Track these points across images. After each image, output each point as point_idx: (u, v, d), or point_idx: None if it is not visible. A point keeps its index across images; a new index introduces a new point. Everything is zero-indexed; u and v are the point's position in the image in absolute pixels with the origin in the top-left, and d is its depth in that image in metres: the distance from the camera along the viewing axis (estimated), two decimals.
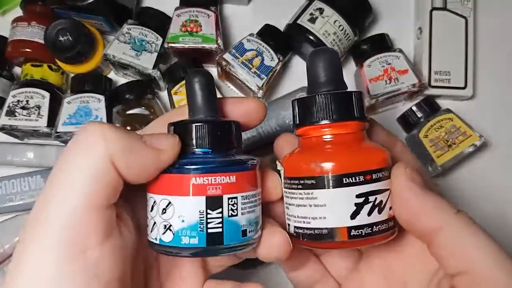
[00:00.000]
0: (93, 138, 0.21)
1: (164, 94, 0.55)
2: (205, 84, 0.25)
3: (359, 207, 0.23)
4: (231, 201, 0.23)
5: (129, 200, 0.25)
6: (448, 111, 0.50)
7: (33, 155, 0.51)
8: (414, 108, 0.51)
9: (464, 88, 0.52)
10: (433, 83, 0.51)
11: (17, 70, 0.56)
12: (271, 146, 0.29)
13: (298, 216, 0.25)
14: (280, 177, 0.26)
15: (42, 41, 0.50)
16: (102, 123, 0.22)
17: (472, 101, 0.54)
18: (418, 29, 0.54)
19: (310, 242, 0.25)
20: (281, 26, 0.52)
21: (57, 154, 0.51)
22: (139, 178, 0.22)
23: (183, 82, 0.50)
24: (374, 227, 0.24)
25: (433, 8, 0.52)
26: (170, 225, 0.23)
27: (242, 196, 0.23)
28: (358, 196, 0.23)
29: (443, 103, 0.52)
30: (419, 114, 0.51)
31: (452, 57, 0.52)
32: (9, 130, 0.49)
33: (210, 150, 0.24)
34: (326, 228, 0.24)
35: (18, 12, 0.55)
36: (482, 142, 0.48)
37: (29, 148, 0.52)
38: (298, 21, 0.49)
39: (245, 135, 0.50)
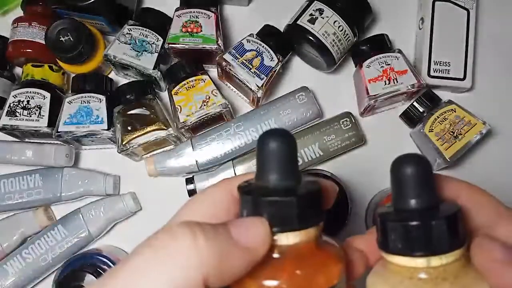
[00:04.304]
0: (184, 249, 0.18)
1: (164, 95, 0.55)
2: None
3: None
4: None
5: None
6: (450, 102, 0.50)
7: (32, 153, 0.51)
8: (415, 104, 0.51)
9: (463, 79, 0.51)
10: (432, 73, 0.51)
11: (18, 70, 0.56)
12: None
13: None
14: None
15: (43, 42, 0.50)
16: (191, 225, 0.19)
17: (470, 93, 0.54)
18: (420, 19, 0.54)
19: None
20: (281, 27, 0.52)
21: (55, 152, 0.51)
22: (222, 284, 0.19)
23: (183, 82, 0.50)
24: None
25: None
26: None
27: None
28: None
29: (442, 96, 0.52)
30: (422, 109, 0.51)
31: (452, 49, 0.52)
32: (10, 130, 0.50)
33: None
34: None
35: (18, 12, 0.55)
36: (487, 129, 0.48)
37: (28, 146, 0.52)
38: (298, 22, 0.50)
39: (244, 138, 0.51)
